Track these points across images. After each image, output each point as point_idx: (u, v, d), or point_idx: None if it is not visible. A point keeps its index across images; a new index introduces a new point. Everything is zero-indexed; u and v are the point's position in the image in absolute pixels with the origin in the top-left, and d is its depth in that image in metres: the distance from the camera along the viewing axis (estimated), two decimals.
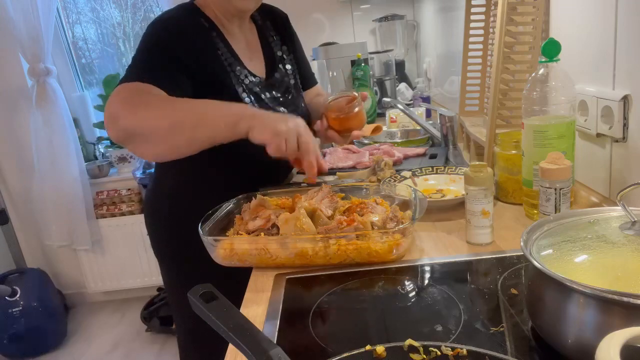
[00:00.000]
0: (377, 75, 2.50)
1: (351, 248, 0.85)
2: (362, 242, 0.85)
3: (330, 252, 0.85)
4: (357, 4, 2.83)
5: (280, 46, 1.34)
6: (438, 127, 1.59)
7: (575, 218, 0.68)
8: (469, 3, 1.52)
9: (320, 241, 0.86)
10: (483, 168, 0.88)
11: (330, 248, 0.85)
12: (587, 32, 0.98)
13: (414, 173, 1.24)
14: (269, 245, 0.87)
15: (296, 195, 1.02)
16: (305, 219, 0.90)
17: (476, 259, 0.86)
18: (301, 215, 0.90)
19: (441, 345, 0.52)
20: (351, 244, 0.85)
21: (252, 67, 1.23)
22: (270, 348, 0.52)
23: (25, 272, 2.84)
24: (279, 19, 1.36)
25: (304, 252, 0.86)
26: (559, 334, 0.56)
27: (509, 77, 1.17)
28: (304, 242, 0.86)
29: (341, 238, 0.85)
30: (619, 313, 0.51)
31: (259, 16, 1.32)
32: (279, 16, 1.37)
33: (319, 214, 0.93)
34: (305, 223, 0.89)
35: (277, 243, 0.87)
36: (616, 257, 0.59)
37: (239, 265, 0.91)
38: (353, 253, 0.85)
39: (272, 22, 1.34)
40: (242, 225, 0.97)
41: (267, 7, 1.34)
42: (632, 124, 0.88)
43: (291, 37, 1.38)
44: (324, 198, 1.00)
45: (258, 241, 0.88)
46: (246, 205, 1.04)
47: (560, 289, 0.55)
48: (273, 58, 1.30)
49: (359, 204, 0.99)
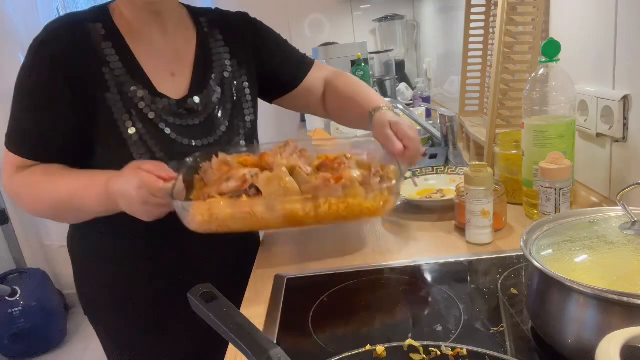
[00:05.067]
0: (377, 75, 2.50)
1: (342, 207, 0.80)
2: (353, 200, 0.80)
3: (321, 212, 0.80)
4: (357, 4, 2.83)
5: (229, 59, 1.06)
6: (438, 127, 1.59)
7: (575, 218, 0.68)
8: (469, 3, 1.52)
9: (310, 201, 0.80)
10: (483, 168, 0.88)
11: (321, 208, 0.80)
12: (587, 32, 0.98)
13: (414, 173, 1.24)
14: (256, 208, 0.80)
15: (264, 153, 0.91)
16: (289, 178, 0.83)
17: (476, 259, 0.86)
18: (284, 174, 0.83)
19: (441, 345, 0.52)
20: (342, 202, 0.80)
21: (168, 84, 0.98)
22: (270, 348, 0.52)
23: (25, 272, 2.84)
24: (234, 27, 1.09)
25: (294, 213, 0.80)
26: (559, 334, 0.57)
27: (509, 77, 1.17)
28: (293, 204, 0.80)
29: (331, 197, 0.80)
30: (619, 313, 0.51)
31: (206, 23, 1.06)
32: (234, 23, 1.10)
33: (298, 172, 0.85)
34: (289, 182, 0.82)
35: (264, 205, 0.80)
36: (616, 257, 0.59)
37: (218, 232, 0.82)
38: (345, 212, 0.80)
39: (222, 31, 1.07)
40: (210, 187, 0.85)
41: (219, 12, 1.11)
42: (632, 124, 0.88)
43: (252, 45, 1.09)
44: (292, 154, 0.92)
45: (242, 204, 0.80)
46: (206, 165, 0.91)
47: (560, 289, 0.55)
48: (207, 74, 1.02)
49: (334, 159, 0.91)
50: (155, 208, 0.81)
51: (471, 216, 0.89)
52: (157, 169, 0.80)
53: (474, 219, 0.89)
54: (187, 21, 1.05)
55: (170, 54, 1.00)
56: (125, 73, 0.93)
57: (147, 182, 0.78)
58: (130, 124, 0.93)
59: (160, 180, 0.79)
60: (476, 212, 0.88)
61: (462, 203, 0.93)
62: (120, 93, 0.92)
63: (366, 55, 2.36)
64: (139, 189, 0.78)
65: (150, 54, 0.97)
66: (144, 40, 0.97)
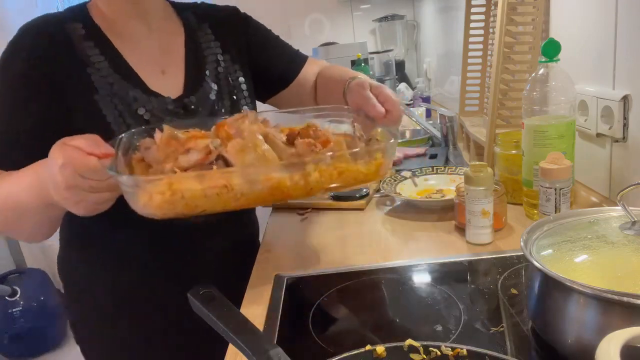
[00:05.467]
0: (377, 75, 2.50)
1: (335, 173, 0.69)
2: (346, 164, 0.70)
3: (311, 180, 0.68)
4: (357, 4, 2.83)
5: (221, 54, 1.01)
6: (438, 127, 1.59)
7: (575, 218, 0.68)
8: (469, 3, 1.52)
9: (297, 169, 0.67)
10: (483, 168, 0.88)
11: (311, 176, 0.68)
12: (587, 32, 0.98)
13: (414, 173, 1.24)
14: (234, 180, 0.64)
15: (219, 124, 0.76)
16: (266, 145, 0.70)
17: (476, 259, 0.86)
18: (260, 141, 0.69)
19: (441, 345, 0.52)
20: (334, 167, 0.69)
21: (160, 82, 0.92)
22: (270, 348, 0.52)
23: (25, 272, 2.84)
24: (224, 21, 1.04)
25: (281, 184, 0.67)
26: (559, 334, 0.57)
27: (509, 77, 1.17)
28: (279, 172, 0.66)
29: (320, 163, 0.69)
30: (619, 313, 0.51)
31: (193, 17, 1.01)
32: (223, 16, 1.05)
33: (272, 139, 0.73)
34: (267, 151, 0.69)
35: (243, 177, 0.65)
36: (616, 257, 0.59)
37: (183, 215, 0.65)
38: (338, 179, 0.70)
39: (212, 25, 1.02)
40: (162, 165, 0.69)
41: (207, 5, 1.06)
42: (632, 124, 0.88)
43: (243, 40, 1.04)
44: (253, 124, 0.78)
45: (215, 177, 0.64)
46: (147, 142, 0.74)
47: (560, 289, 0.55)
48: (201, 70, 0.97)
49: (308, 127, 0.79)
50: (88, 194, 0.65)
51: (471, 216, 0.89)
52: (88, 143, 0.65)
53: (474, 219, 0.89)
54: (172, 15, 1.00)
55: (157, 51, 0.94)
56: (113, 72, 0.87)
57: (73, 159, 0.63)
58: (125, 127, 0.85)
59: (92, 157, 0.63)
60: (476, 212, 0.88)
61: (462, 203, 0.93)
62: (110, 94, 0.86)
63: (366, 55, 2.36)
64: (62, 169, 0.63)
65: (137, 52, 0.91)
66: (127, 37, 0.91)
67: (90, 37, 0.88)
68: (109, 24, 0.90)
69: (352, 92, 0.87)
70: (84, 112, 0.85)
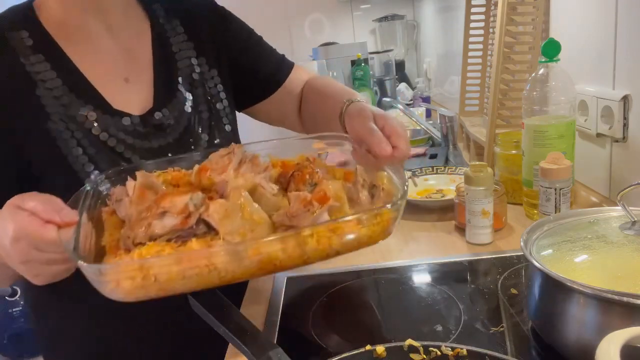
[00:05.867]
0: (377, 75, 2.50)
1: (336, 238, 0.57)
2: (347, 227, 0.58)
3: (308, 250, 0.56)
4: (357, 4, 2.83)
5: (195, 57, 0.87)
6: (438, 127, 1.59)
7: (575, 218, 0.68)
8: (469, 3, 1.52)
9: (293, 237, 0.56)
10: (483, 168, 0.88)
11: (308, 245, 0.56)
12: (587, 32, 0.98)
13: (414, 173, 1.24)
14: (216, 259, 0.54)
15: (202, 168, 0.66)
16: (254, 206, 0.59)
17: (476, 259, 0.86)
18: (247, 201, 0.59)
19: (441, 345, 0.52)
20: (334, 231, 0.57)
21: (124, 94, 0.79)
22: (270, 348, 0.52)
23: None
24: (199, 17, 0.89)
25: (273, 257, 0.55)
26: (559, 334, 0.57)
27: (509, 77, 1.17)
28: (269, 244, 0.55)
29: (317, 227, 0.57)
30: (619, 313, 0.51)
31: (162, 11, 0.86)
32: (198, 12, 0.90)
33: (261, 193, 0.62)
34: (256, 212, 0.59)
35: (227, 253, 0.54)
36: (616, 257, 0.59)
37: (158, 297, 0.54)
38: (338, 244, 0.58)
39: (184, 22, 0.87)
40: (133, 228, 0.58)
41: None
42: (632, 124, 0.88)
43: (222, 40, 0.90)
44: (241, 165, 0.67)
45: (195, 256, 0.54)
46: (118, 192, 0.65)
47: (560, 289, 0.55)
48: (172, 76, 0.83)
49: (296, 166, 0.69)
50: (46, 267, 0.56)
51: (471, 216, 0.89)
52: (45, 208, 0.55)
53: (474, 219, 0.89)
54: (137, 10, 0.85)
55: (120, 55, 0.80)
56: (67, 92, 0.74)
57: (28, 230, 0.53)
58: (86, 159, 0.73)
59: (50, 226, 0.54)
60: (476, 212, 0.88)
61: (462, 203, 0.93)
62: (65, 119, 0.73)
63: (366, 55, 2.36)
64: (15, 242, 0.54)
65: (94, 58, 0.78)
66: (82, 40, 0.77)
67: (39, 49, 0.75)
68: (60, 27, 0.77)
69: (352, 120, 0.73)
70: (35, 145, 0.73)
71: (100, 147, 0.75)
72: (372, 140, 0.67)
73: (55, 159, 0.72)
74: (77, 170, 0.73)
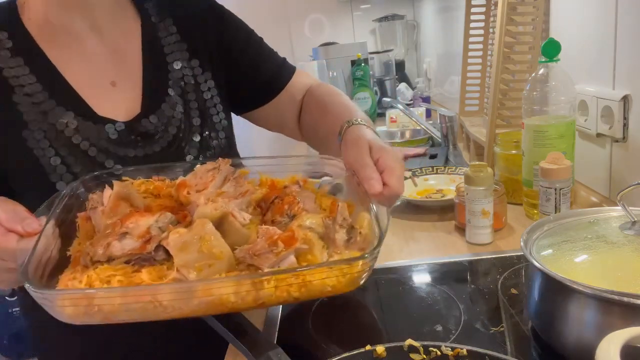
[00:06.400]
0: (377, 75, 2.50)
1: (296, 285, 0.53)
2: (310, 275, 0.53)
3: (263, 295, 0.52)
4: (357, 4, 2.83)
5: (188, 59, 0.82)
6: (438, 127, 1.59)
7: (575, 218, 0.68)
8: (469, 3, 1.52)
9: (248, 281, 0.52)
10: (483, 168, 0.88)
11: (265, 290, 0.52)
12: (587, 32, 0.98)
13: (414, 173, 1.24)
14: (163, 296, 0.51)
15: (181, 183, 0.63)
16: (216, 238, 0.55)
17: (476, 259, 0.86)
18: (209, 232, 0.55)
19: (441, 345, 0.52)
20: (296, 278, 0.53)
21: (109, 100, 0.75)
22: (270, 348, 0.52)
23: None
24: (193, 16, 0.84)
25: (223, 300, 0.52)
26: (559, 334, 0.56)
27: (509, 77, 1.17)
28: (222, 286, 0.51)
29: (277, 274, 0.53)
30: (619, 313, 0.51)
31: (154, 9, 0.82)
32: (192, 10, 0.85)
33: (231, 222, 0.58)
34: (216, 246, 0.54)
35: (174, 291, 0.52)
36: (616, 257, 0.59)
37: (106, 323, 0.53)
38: (298, 292, 0.54)
39: (178, 21, 0.83)
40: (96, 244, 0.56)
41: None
42: (632, 124, 0.88)
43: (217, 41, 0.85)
44: (224, 183, 0.64)
45: (139, 293, 0.52)
46: (95, 199, 0.62)
47: (560, 289, 0.55)
48: (162, 80, 0.79)
49: (282, 194, 0.66)
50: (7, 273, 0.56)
51: (471, 216, 0.89)
52: (8, 217, 0.55)
53: (474, 219, 0.89)
54: (127, 8, 0.81)
55: (106, 57, 0.76)
56: (47, 98, 0.70)
57: None
58: (64, 169, 0.70)
59: (11, 235, 0.54)
60: (476, 212, 0.88)
61: (462, 203, 0.93)
62: (43, 127, 0.70)
63: (366, 55, 2.36)
64: None
65: (79, 61, 0.74)
66: (67, 42, 0.73)
67: (19, 51, 0.71)
68: (43, 27, 0.73)
69: (347, 148, 0.69)
70: (10, 154, 0.70)
71: (80, 156, 0.71)
72: (363, 175, 0.63)
73: (32, 169, 0.70)
74: (55, 182, 0.70)
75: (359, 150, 0.66)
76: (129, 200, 0.61)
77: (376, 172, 0.63)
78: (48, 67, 0.72)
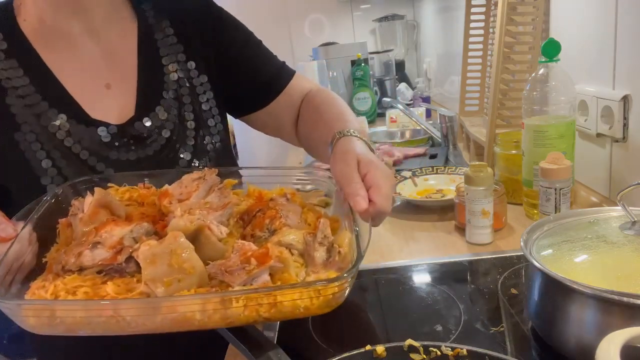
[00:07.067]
0: (377, 75, 2.50)
1: (266, 305, 0.51)
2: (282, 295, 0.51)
3: (232, 314, 0.50)
4: (357, 4, 2.83)
5: (184, 61, 0.81)
6: (438, 127, 1.59)
7: (575, 218, 0.68)
8: (469, 3, 1.52)
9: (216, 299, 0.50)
10: (483, 168, 0.88)
11: (233, 309, 0.50)
12: (587, 32, 0.98)
13: (414, 173, 1.24)
14: (125, 311, 0.49)
15: (164, 192, 0.62)
16: (187, 252, 0.53)
17: (476, 259, 0.86)
18: (181, 246, 0.53)
19: (441, 345, 0.52)
20: (266, 298, 0.51)
21: (103, 102, 0.74)
22: (270, 348, 0.52)
23: None
24: (190, 17, 0.83)
25: (189, 318, 0.50)
26: (559, 334, 0.57)
27: (509, 77, 1.17)
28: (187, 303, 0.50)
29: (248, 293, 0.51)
30: (619, 313, 0.51)
31: (151, 10, 0.81)
32: (190, 11, 0.83)
33: (207, 235, 0.56)
34: (187, 260, 0.52)
35: (138, 307, 0.50)
36: (616, 257, 0.59)
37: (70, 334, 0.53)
38: (268, 312, 0.51)
39: (174, 22, 0.82)
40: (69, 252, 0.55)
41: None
42: (632, 124, 0.88)
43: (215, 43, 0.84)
44: (209, 193, 0.63)
45: (101, 307, 0.50)
46: (77, 206, 0.62)
47: (560, 289, 0.55)
48: (157, 82, 0.78)
49: (265, 206, 0.64)
50: None
51: (471, 216, 0.89)
52: None
53: (474, 219, 0.89)
54: (123, 9, 0.80)
55: (101, 59, 0.76)
56: (40, 100, 0.70)
57: None
58: (55, 171, 0.70)
59: None
60: (476, 212, 0.88)
61: (462, 203, 0.93)
62: (35, 130, 0.69)
63: (366, 55, 2.36)
64: None
65: (74, 63, 0.73)
66: (62, 44, 0.73)
67: (12, 53, 0.71)
68: (38, 28, 0.73)
69: (335, 162, 0.66)
70: (3, 156, 0.70)
71: (71, 159, 0.71)
72: (348, 191, 0.61)
73: (24, 171, 0.69)
74: (46, 184, 0.70)
75: (347, 164, 0.64)
76: (109, 208, 0.60)
77: (363, 188, 0.60)
78: (42, 69, 0.72)
